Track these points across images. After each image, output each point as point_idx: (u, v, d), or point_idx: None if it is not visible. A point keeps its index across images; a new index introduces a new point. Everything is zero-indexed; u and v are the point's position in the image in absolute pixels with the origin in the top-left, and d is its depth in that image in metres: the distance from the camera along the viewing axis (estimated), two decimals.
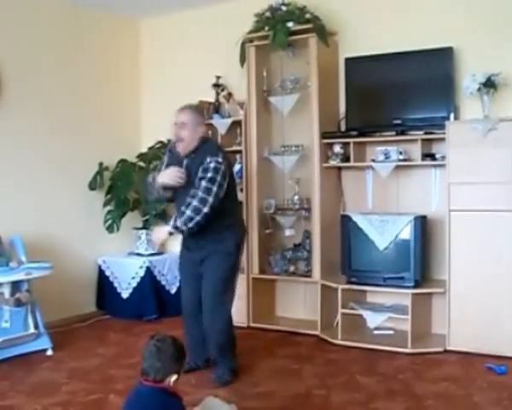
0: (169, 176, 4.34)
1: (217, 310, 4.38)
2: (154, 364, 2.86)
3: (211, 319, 4.39)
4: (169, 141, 6.22)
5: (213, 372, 4.41)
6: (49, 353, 5.10)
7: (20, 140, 5.75)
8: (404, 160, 5.23)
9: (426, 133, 5.11)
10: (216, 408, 3.58)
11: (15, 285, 5.03)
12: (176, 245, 4.96)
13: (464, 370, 4.52)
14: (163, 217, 6.31)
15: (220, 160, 4.25)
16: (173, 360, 2.89)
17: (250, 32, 5.70)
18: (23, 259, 5.21)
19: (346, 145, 5.46)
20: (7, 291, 4.95)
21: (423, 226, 5.12)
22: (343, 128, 5.60)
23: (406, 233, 5.09)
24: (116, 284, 6.36)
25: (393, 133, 5.28)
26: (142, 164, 6.39)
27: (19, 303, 4.98)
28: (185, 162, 4.37)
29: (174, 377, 2.87)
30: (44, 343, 5.11)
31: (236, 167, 5.93)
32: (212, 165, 4.21)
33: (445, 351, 4.90)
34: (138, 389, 2.89)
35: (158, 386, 2.83)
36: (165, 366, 2.86)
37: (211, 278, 4.38)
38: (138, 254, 6.40)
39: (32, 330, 5.03)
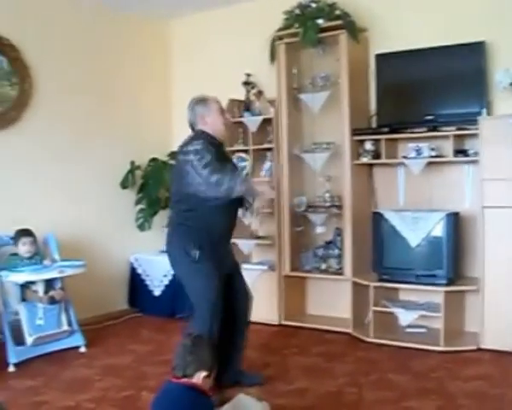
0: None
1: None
2: (185, 358, 2.86)
3: (246, 330, 4.31)
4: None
5: (252, 377, 4.27)
6: (83, 350, 5.16)
7: (52, 140, 5.82)
8: (436, 156, 5.17)
9: (458, 129, 5.05)
10: (248, 406, 3.58)
11: (49, 283, 5.10)
12: None
13: (498, 368, 4.46)
14: None
15: None
16: (205, 356, 2.88)
17: (280, 29, 5.69)
18: (57, 257, 5.30)
19: (377, 142, 5.42)
20: (41, 289, 5.03)
21: (456, 223, 5.06)
22: (374, 125, 5.56)
23: (439, 230, 5.03)
24: (148, 282, 6.41)
25: (425, 129, 5.21)
26: (173, 162, 6.41)
27: (52, 301, 5.05)
28: (221, 149, 4.20)
29: (204, 374, 2.84)
30: (77, 340, 5.17)
31: (267, 165, 5.96)
32: None
33: (478, 349, 4.84)
34: (167, 386, 2.89)
35: (187, 384, 2.82)
36: (197, 360, 2.85)
37: (248, 290, 4.32)
38: None
39: (65, 327, 5.09)
